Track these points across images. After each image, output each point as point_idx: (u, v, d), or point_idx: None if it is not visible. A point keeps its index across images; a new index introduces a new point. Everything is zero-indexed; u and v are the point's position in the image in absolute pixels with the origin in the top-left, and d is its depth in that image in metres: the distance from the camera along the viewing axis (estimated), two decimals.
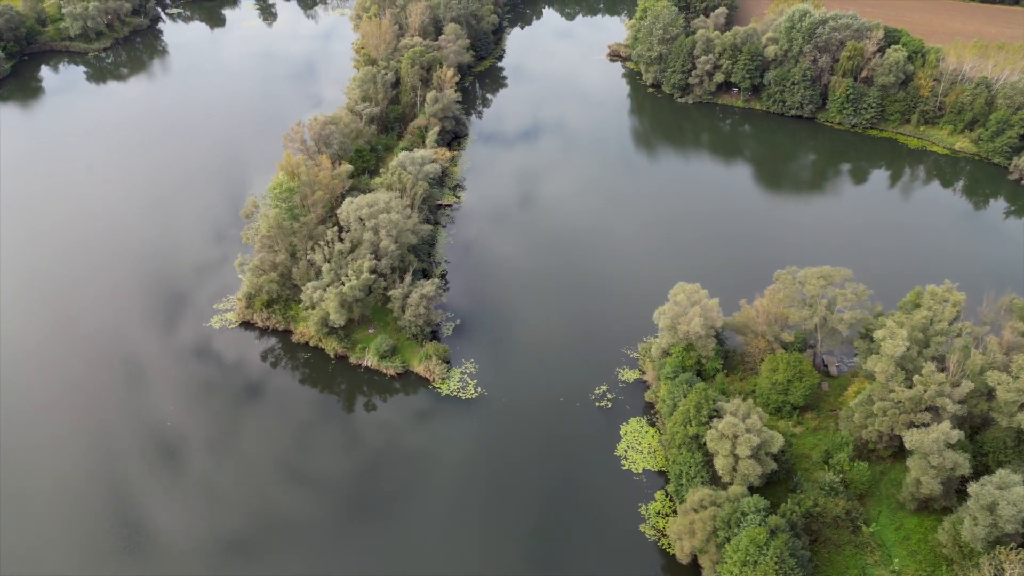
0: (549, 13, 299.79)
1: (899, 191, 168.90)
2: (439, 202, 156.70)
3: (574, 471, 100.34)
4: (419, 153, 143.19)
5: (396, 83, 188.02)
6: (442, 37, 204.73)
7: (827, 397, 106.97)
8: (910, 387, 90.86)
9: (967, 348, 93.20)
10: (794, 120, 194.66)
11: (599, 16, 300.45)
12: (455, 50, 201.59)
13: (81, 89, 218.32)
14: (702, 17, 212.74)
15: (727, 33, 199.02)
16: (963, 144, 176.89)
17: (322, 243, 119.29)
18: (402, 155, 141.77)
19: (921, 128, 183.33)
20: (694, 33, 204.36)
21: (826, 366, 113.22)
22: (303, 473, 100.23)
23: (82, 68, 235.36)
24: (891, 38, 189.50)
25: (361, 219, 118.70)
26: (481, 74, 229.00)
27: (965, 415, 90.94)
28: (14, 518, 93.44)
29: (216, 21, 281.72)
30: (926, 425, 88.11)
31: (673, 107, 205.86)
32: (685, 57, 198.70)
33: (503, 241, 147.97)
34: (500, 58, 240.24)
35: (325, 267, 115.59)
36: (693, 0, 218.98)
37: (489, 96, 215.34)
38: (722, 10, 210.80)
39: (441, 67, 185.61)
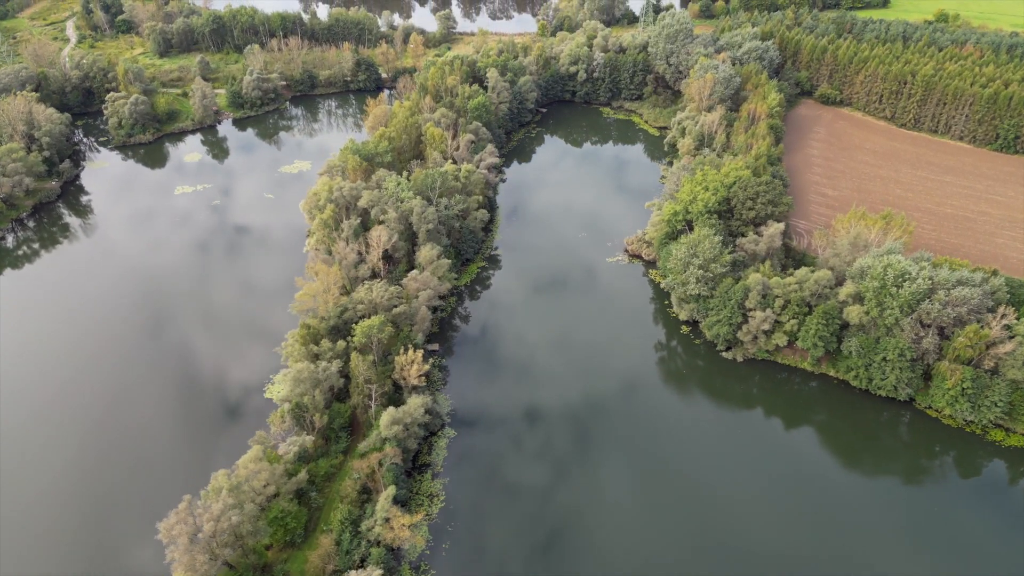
0: (553, 141, 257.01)
1: None
2: None
3: None
4: None
5: (347, 359, 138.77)
6: (413, 274, 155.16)
7: None
8: None
9: None
10: (884, 401, 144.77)
11: (610, 144, 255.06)
12: (429, 294, 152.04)
13: None
14: (753, 235, 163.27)
15: (790, 279, 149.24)
16: None
17: None
18: None
19: None
20: (743, 274, 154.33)
21: None
22: None
23: None
24: (1015, 295, 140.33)
25: None
26: (467, 287, 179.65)
27: None
28: None
29: (155, 161, 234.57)
30: None
31: (716, 360, 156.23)
32: (734, 308, 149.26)
33: None
34: (490, 257, 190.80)
35: None
36: (738, 206, 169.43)
37: (472, 335, 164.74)
38: (778, 227, 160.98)
39: (406, 351, 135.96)
